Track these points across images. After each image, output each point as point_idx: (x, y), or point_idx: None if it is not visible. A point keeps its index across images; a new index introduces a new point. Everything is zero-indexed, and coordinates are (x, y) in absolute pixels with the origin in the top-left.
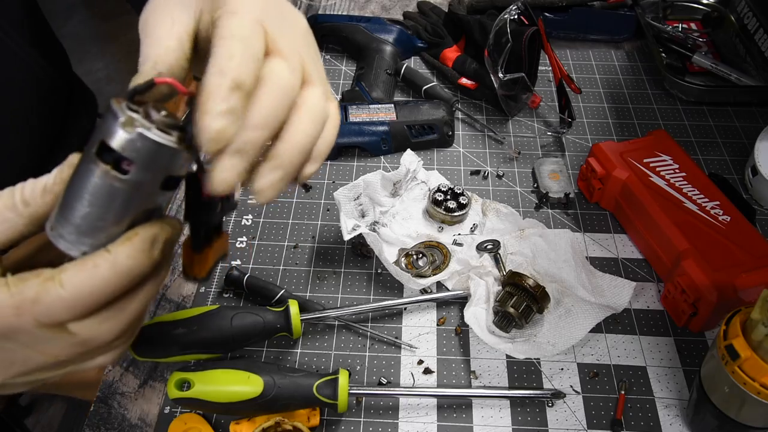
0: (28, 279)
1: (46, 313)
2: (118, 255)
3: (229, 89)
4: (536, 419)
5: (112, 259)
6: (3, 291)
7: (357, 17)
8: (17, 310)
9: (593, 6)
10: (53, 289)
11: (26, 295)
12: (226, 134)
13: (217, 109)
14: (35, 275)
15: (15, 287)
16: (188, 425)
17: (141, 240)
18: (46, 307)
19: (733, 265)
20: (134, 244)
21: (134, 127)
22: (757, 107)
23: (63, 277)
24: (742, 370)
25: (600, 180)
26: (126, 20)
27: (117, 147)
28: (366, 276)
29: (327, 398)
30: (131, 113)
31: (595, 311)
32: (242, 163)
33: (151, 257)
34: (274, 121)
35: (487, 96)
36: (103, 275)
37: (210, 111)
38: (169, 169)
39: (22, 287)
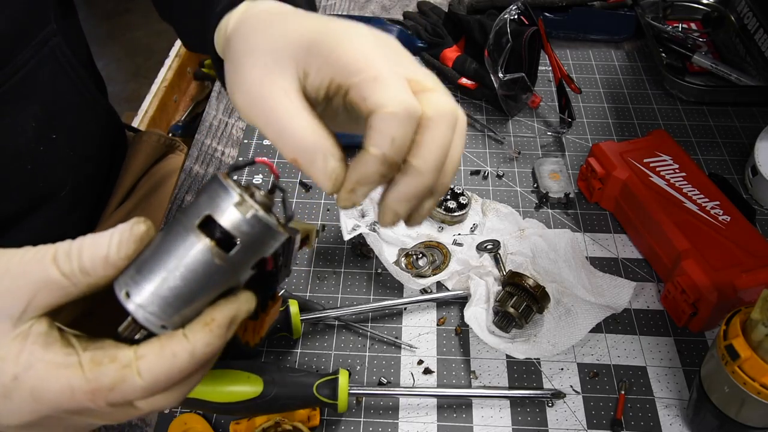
0: (103, 363)
1: (121, 398)
2: (197, 344)
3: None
4: (536, 419)
5: (191, 349)
6: (78, 374)
7: (357, 17)
8: (92, 395)
9: (593, 6)
10: (131, 378)
11: (103, 382)
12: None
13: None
14: (110, 359)
15: (91, 372)
16: (188, 425)
17: (218, 326)
18: (122, 394)
19: (733, 265)
20: (213, 331)
21: (248, 208)
22: (757, 107)
23: (141, 367)
24: (742, 370)
25: (600, 180)
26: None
27: (227, 225)
28: (366, 276)
29: (327, 398)
30: (243, 192)
31: (595, 311)
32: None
33: (226, 339)
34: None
35: (487, 96)
36: (181, 365)
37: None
38: (267, 250)
39: (98, 373)
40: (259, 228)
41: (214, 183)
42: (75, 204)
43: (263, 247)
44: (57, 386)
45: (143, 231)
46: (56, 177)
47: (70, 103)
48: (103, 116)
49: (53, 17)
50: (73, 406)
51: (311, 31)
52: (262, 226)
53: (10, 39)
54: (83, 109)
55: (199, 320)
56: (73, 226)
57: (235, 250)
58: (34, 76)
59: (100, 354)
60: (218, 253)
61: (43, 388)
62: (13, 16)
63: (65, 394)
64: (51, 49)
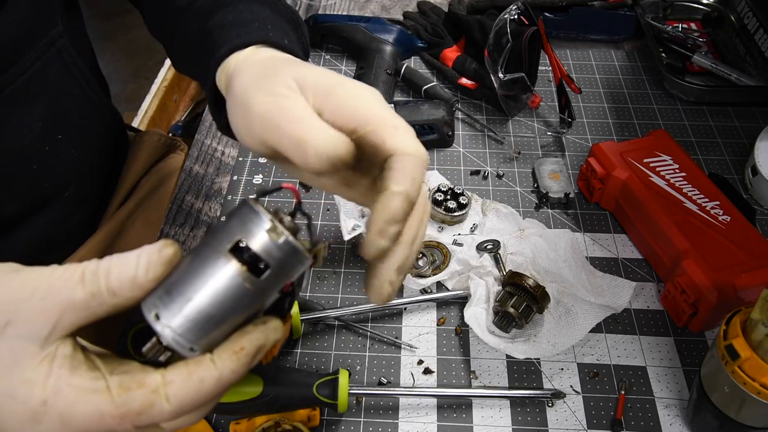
0: (131, 389)
1: (148, 422)
2: (224, 371)
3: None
4: (536, 419)
5: (218, 375)
6: (106, 399)
7: (357, 17)
8: (121, 419)
9: (593, 6)
10: (159, 403)
11: (131, 407)
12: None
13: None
14: (138, 384)
15: (119, 397)
16: None
17: (247, 355)
18: (150, 418)
19: (733, 265)
20: (240, 360)
21: (279, 234)
22: (757, 107)
23: (169, 392)
24: (742, 370)
25: (600, 180)
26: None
27: (259, 250)
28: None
29: (327, 398)
30: (273, 218)
31: (595, 311)
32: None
33: (252, 365)
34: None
35: (487, 96)
36: (208, 390)
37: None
38: (293, 275)
39: (127, 398)
40: (289, 253)
41: (244, 208)
42: (78, 204)
43: (291, 272)
44: (86, 411)
45: (171, 254)
46: (61, 177)
47: (76, 104)
48: (106, 116)
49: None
50: (102, 430)
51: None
52: (292, 252)
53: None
54: (88, 109)
55: (228, 347)
56: (76, 225)
57: (266, 275)
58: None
59: (127, 379)
60: (249, 278)
61: (73, 413)
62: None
63: (94, 418)
64: (57, 51)
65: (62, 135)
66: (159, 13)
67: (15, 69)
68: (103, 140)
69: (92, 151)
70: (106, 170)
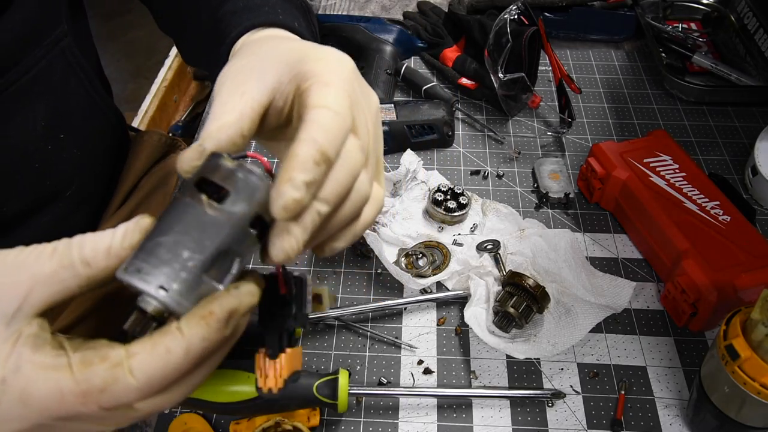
0: (93, 363)
1: (114, 401)
2: (193, 338)
3: (316, 161)
4: (536, 419)
5: (186, 344)
6: (67, 376)
7: (357, 17)
8: (83, 398)
9: (593, 6)
10: (122, 377)
11: (93, 383)
12: (300, 205)
13: (300, 179)
14: (101, 359)
15: (80, 373)
16: (188, 425)
17: (217, 320)
18: (114, 396)
19: (733, 265)
20: (210, 325)
21: (233, 161)
22: (757, 107)
23: (133, 365)
24: (742, 370)
25: (600, 180)
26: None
27: (217, 179)
28: (366, 276)
29: (327, 398)
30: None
31: (595, 311)
32: (304, 235)
33: (224, 335)
34: (341, 198)
35: (487, 96)
36: (176, 361)
37: (294, 179)
38: (259, 204)
39: (88, 374)
40: (246, 175)
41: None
42: (80, 203)
43: (257, 199)
44: (46, 389)
45: (148, 223)
46: (63, 176)
47: (79, 103)
48: (109, 116)
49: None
50: (64, 410)
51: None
52: (249, 173)
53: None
54: (91, 109)
55: (195, 313)
56: (77, 225)
57: (228, 200)
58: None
59: (90, 354)
60: (210, 204)
61: (32, 391)
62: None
63: (55, 397)
64: (62, 50)
65: (65, 134)
66: (169, 6)
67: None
68: (105, 140)
69: (94, 150)
70: (107, 170)
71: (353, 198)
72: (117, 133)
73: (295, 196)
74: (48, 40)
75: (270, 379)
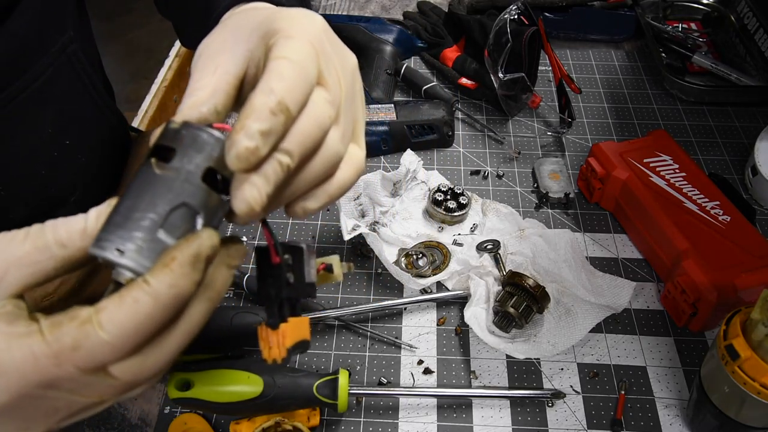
0: (63, 323)
1: (89, 360)
2: (159, 286)
3: (273, 111)
4: (536, 419)
5: (154, 292)
6: (38, 340)
7: (357, 17)
8: (57, 359)
9: (593, 6)
10: (93, 333)
11: (64, 342)
12: (256, 154)
13: (255, 127)
14: (69, 318)
15: (51, 334)
16: (188, 425)
17: (180, 264)
18: (88, 353)
19: (733, 265)
20: (174, 270)
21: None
22: (757, 107)
23: (102, 319)
24: (742, 370)
25: (600, 180)
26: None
27: (166, 141)
28: (366, 276)
29: (327, 398)
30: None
31: (595, 311)
32: (266, 187)
33: (193, 280)
34: (307, 150)
35: (487, 96)
36: (146, 311)
37: (247, 128)
38: (209, 158)
39: (59, 334)
40: (191, 132)
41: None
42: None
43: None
44: (19, 355)
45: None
46: (68, 182)
47: (84, 109)
48: (112, 120)
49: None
50: (40, 375)
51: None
52: (193, 130)
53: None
54: (95, 113)
55: (158, 263)
56: None
57: (175, 157)
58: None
59: (60, 317)
60: (157, 164)
61: (5, 359)
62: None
63: (28, 362)
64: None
65: (70, 140)
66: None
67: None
68: (108, 144)
69: (98, 155)
70: (111, 173)
71: (323, 153)
72: (119, 135)
73: (248, 144)
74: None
75: (273, 349)
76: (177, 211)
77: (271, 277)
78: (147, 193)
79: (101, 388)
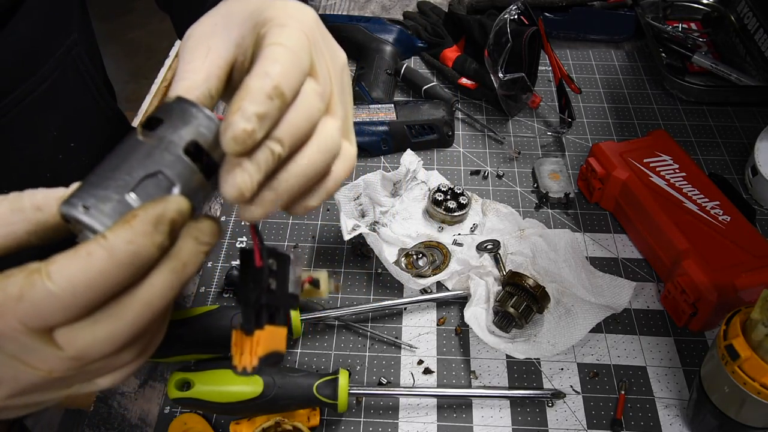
0: (12, 275)
1: (34, 313)
2: (116, 240)
3: (269, 95)
4: (536, 419)
5: (109, 245)
6: None
7: (357, 17)
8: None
9: (593, 6)
10: (40, 282)
11: (9, 291)
12: (252, 137)
13: (251, 110)
14: (20, 270)
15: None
16: (188, 425)
17: (141, 222)
18: (33, 305)
19: (733, 265)
20: (133, 227)
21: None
22: (757, 107)
23: (51, 269)
24: (742, 370)
25: (600, 180)
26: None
27: (156, 113)
28: (366, 276)
29: (327, 398)
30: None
31: (595, 311)
32: (257, 174)
33: (154, 241)
34: (296, 141)
35: (487, 96)
36: (99, 265)
37: (244, 110)
38: (195, 132)
39: (5, 283)
40: (181, 105)
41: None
42: None
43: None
44: None
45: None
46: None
47: (88, 111)
48: (114, 122)
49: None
50: None
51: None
52: (183, 103)
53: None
54: (99, 116)
55: (120, 219)
56: None
57: (161, 126)
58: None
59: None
60: (141, 131)
61: None
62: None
63: None
64: (73, 59)
65: (75, 143)
66: None
67: (35, 78)
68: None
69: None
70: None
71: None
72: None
73: (246, 126)
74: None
75: (245, 356)
76: (151, 178)
77: (252, 281)
78: (125, 157)
79: (48, 357)
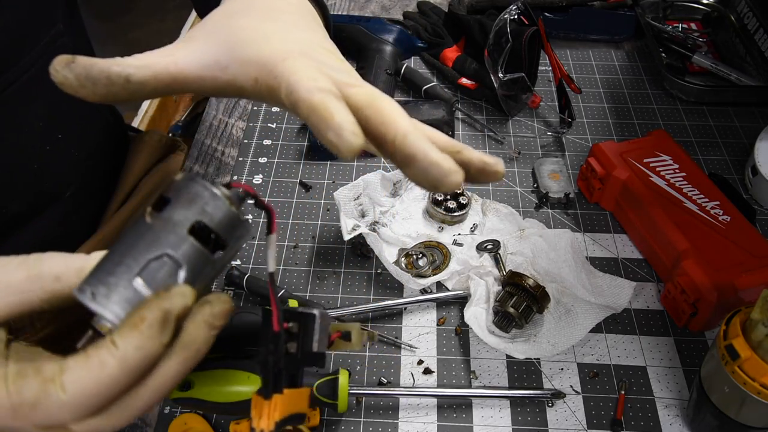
0: (27, 376)
1: (46, 418)
2: (126, 348)
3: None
4: (536, 419)
5: (120, 355)
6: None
7: (357, 17)
8: (14, 413)
9: (593, 6)
10: (54, 393)
11: (25, 397)
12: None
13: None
14: (35, 372)
15: (14, 384)
16: (188, 425)
17: (149, 326)
18: (47, 414)
19: (733, 265)
20: (143, 332)
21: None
22: (757, 107)
23: (65, 380)
24: (742, 370)
25: (600, 180)
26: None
27: (165, 192)
28: (366, 276)
29: (327, 398)
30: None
31: (595, 311)
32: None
33: (162, 342)
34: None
35: (487, 96)
36: (111, 374)
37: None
38: (200, 211)
39: (21, 386)
40: (187, 183)
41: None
42: (80, 204)
43: (193, 204)
44: None
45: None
46: (62, 177)
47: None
48: (106, 116)
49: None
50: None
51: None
52: (192, 182)
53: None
54: (88, 108)
55: (126, 323)
56: (76, 226)
57: (167, 207)
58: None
59: (26, 366)
60: (150, 213)
61: None
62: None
63: None
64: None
65: (63, 134)
66: None
67: (17, 68)
68: (103, 140)
69: (93, 150)
70: (107, 170)
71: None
72: (115, 132)
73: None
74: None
75: (262, 419)
76: (157, 261)
77: (272, 343)
78: (133, 241)
79: None
